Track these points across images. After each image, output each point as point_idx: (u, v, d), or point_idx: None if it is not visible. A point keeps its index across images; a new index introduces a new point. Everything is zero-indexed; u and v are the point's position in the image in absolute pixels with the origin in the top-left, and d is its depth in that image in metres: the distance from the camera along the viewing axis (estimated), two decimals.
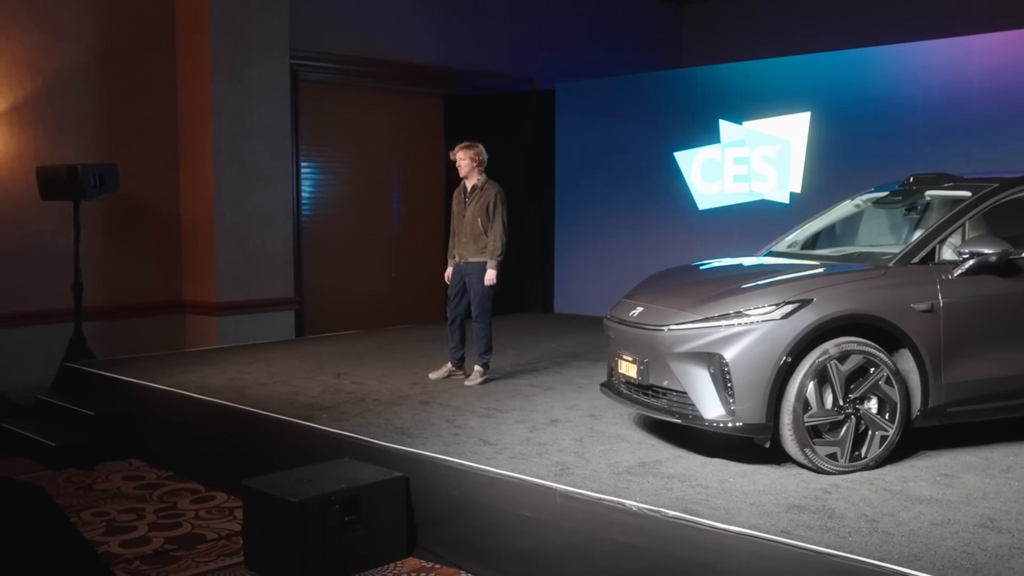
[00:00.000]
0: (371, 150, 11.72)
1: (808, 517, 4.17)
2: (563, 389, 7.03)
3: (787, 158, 9.52)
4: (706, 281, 5.49)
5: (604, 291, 11.05)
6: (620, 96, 11.02)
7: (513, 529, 4.86)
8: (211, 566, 5.27)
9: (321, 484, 5.11)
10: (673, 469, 4.92)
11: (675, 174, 10.43)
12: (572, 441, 5.53)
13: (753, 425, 4.75)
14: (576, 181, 11.37)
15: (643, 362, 5.16)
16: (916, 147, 8.59)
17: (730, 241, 9.76)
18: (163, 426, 7.21)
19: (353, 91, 11.47)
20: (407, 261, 12.04)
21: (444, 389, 7.07)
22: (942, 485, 4.58)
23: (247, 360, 8.41)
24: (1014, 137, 8.12)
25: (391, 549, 5.27)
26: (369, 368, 7.96)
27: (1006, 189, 5.27)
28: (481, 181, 7.17)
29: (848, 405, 4.78)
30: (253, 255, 10.06)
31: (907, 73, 8.75)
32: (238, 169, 9.93)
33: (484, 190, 7.14)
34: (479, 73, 12.37)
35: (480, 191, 7.13)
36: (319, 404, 6.61)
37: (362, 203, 11.68)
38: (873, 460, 4.81)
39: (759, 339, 4.73)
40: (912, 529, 4.00)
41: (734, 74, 10.02)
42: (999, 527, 4.00)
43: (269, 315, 10.22)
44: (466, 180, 7.19)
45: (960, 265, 4.98)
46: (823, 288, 4.84)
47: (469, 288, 7.21)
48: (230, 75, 9.80)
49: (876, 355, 4.80)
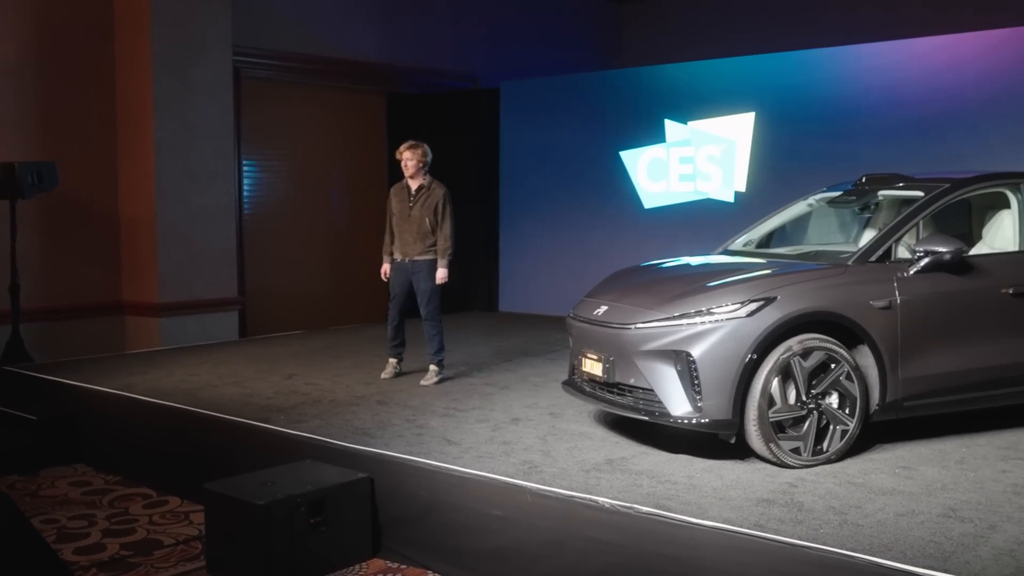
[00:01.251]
0: (314, 148, 11.60)
1: (778, 511, 4.25)
2: (519, 388, 7.05)
3: (732, 158, 9.68)
4: (670, 279, 5.55)
5: (550, 290, 11.15)
6: (565, 95, 11.09)
7: (483, 528, 4.86)
8: (171, 572, 5.18)
9: (286, 486, 5.05)
10: (640, 466, 4.98)
11: (621, 173, 10.53)
12: (536, 439, 5.55)
13: (720, 421, 4.83)
14: (521, 180, 11.41)
15: (609, 360, 5.21)
16: (858, 147, 8.80)
17: (676, 239, 9.89)
18: (111, 430, 7.05)
19: (296, 88, 11.34)
20: (349, 260, 11.93)
21: (400, 389, 7.04)
22: (902, 477, 4.71)
23: (194, 362, 8.27)
24: (952, 138, 8.37)
25: (356, 550, 5.24)
26: (321, 369, 7.88)
27: (957, 189, 5.44)
28: (427, 181, 7.17)
29: (810, 400, 4.89)
30: (196, 254, 9.88)
31: (849, 75, 8.96)
32: (181, 167, 9.74)
33: (431, 190, 7.14)
34: (422, 71, 12.33)
35: (427, 191, 7.14)
36: (275, 406, 6.53)
37: (304, 202, 11.55)
38: (834, 454, 4.93)
39: (725, 337, 4.80)
40: (879, 520, 4.10)
41: (679, 74, 10.15)
42: (961, 517, 4.13)
43: (212, 316, 10.05)
44: (411, 180, 7.17)
45: (915, 263, 5.12)
46: (787, 286, 4.94)
47: (416, 286, 7.21)
48: (172, 72, 9.61)
49: (837, 351, 4.91)
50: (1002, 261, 5.39)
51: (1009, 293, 5.26)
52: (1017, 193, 5.54)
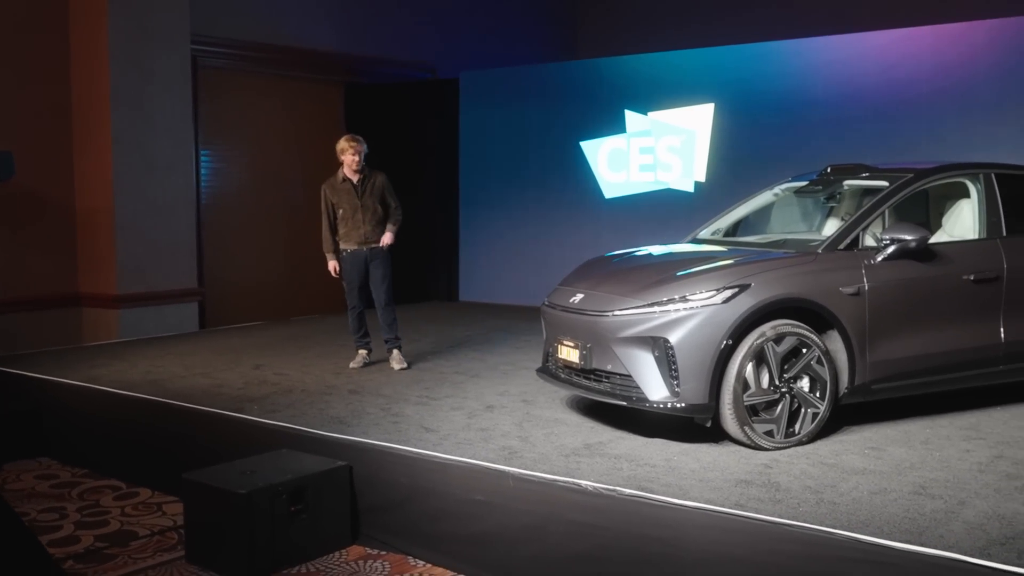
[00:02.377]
0: (272, 138, 11.53)
1: (756, 491, 4.38)
2: (489, 376, 7.11)
3: (691, 148, 9.82)
4: (645, 268, 5.65)
5: (511, 279, 11.23)
6: (525, 85, 11.15)
7: (464, 513, 4.93)
8: (150, 562, 5.17)
9: (266, 475, 5.07)
10: (618, 450, 5.07)
11: (581, 163, 10.63)
12: (512, 426, 5.62)
13: (696, 405, 4.94)
14: (481, 170, 11.45)
15: (585, 347, 5.29)
16: (816, 139, 8.99)
17: (636, 229, 10.03)
18: (77, 423, 6.98)
19: (253, 78, 11.26)
20: (307, 251, 11.86)
21: (371, 378, 7.07)
22: (872, 457, 4.86)
23: (157, 353, 8.21)
24: (907, 130, 8.60)
25: (336, 538, 5.27)
26: (288, 359, 7.88)
27: (921, 179, 5.61)
28: (367, 170, 7.29)
29: (783, 384, 5.02)
30: (155, 246, 9.78)
31: (807, 67, 9.15)
32: (138, 158, 9.63)
33: (373, 178, 7.31)
34: (380, 61, 12.30)
35: (371, 179, 7.29)
36: (246, 396, 6.52)
37: (262, 192, 11.47)
38: (806, 436, 5.07)
39: (702, 323, 4.92)
40: (854, 498, 4.24)
41: (639, 65, 10.27)
42: (931, 494, 4.28)
43: (172, 307, 9.96)
44: (353, 173, 7.22)
45: (882, 251, 5.27)
46: (760, 274, 5.06)
47: (374, 272, 7.28)
48: (129, 61, 9.49)
49: (808, 336, 5.05)
50: (963, 249, 5.57)
51: (970, 279, 5.45)
52: (977, 183, 5.73)
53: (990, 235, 5.65)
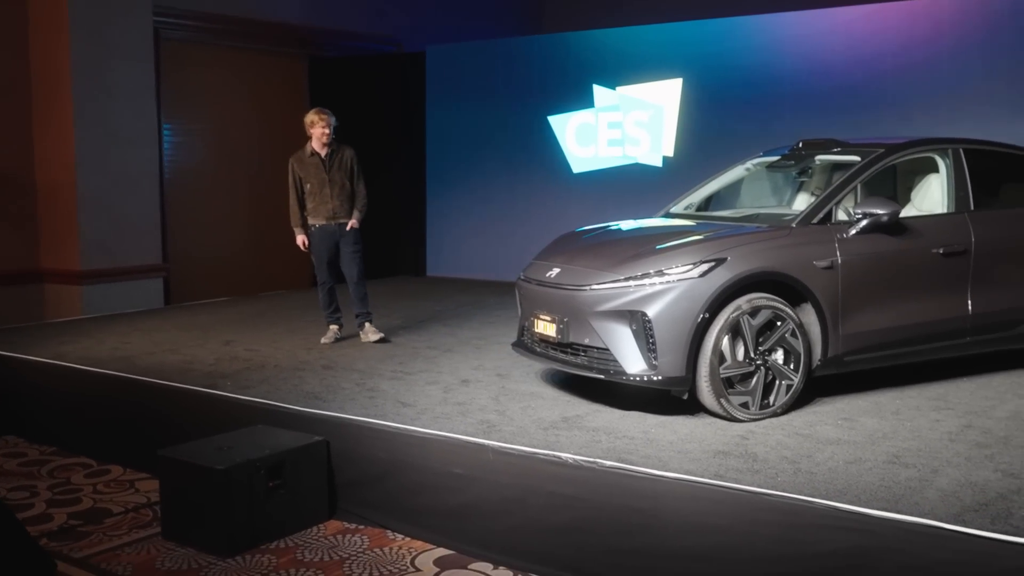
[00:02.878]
0: (235, 112, 11.39)
1: (734, 461, 4.44)
2: (462, 350, 7.12)
3: (660, 123, 9.86)
4: (621, 242, 5.68)
5: (478, 254, 11.23)
6: (493, 60, 11.10)
7: (443, 487, 4.95)
8: (126, 539, 5.14)
9: (244, 451, 5.05)
10: (595, 423, 5.11)
11: (549, 138, 10.62)
12: (489, 400, 5.64)
13: (673, 378, 4.99)
14: (448, 144, 11.41)
15: (563, 321, 5.32)
16: (783, 114, 9.06)
17: (605, 203, 10.07)
18: (44, 401, 6.89)
19: (216, 51, 11.10)
20: (271, 226, 11.77)
21: (344, 353, 7.05)
22: (845, 428, 4.95)
23: (124, 329, 8.11)
24: (873, 106, 8.69)
25: (313, 513, 5.27)
26: (258, 335, 7.83)
27: (892, 154, 5.68)
28: (336, 145, 7.24)
29: (758, 357, 5.09)
30: (119, 220, 9.65)
31: (775, 43, 9.20)
32: (101, 131, 9.47)
33: (341, 152, 7.27)
34: (343, 34, 12.18)
35: (338, 154, 7.24)
36: (219, 372, 6.48)
37: (225, 166, 11.35)
38: (780, 407, 5.15)
39: (679, 296, 4.96)
40: (831, 468, 4.32)
41: (608, 40, 10.26)
42: (905, 463, 4.37)
43: (137, 283, 9.84)
44: (321, 147, 7.17)
45: (855, 224, 5.34)
46: (736, 247, 5.11)
47: (344, 248, 7.25)
48: (90, 31, 9.31)
49: (783, 309, 5.12)
50: (932, 223, 5.66)
51: (939, 253, 5.54)
52: (946, 158, 5.82)
53: (958, 209, 5.74)
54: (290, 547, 4.99)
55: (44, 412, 6.89)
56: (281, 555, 4.89)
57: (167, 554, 4.93)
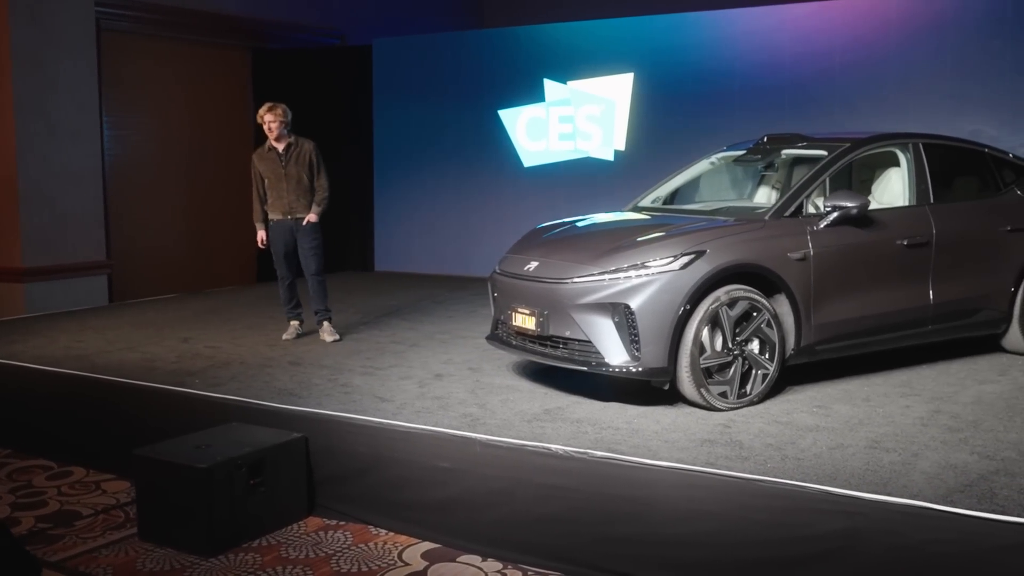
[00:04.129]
0: (177, 105, 11.15)
1: (722, 449, 4.53)
2: (428, 345, 7.11)
3: (611, 117, 9.94)
4: (598, 235, 5.73)
5: (428, 249, 11.20)
6: (442, 54, 11.07)
7: (428, 481, 4.94)
8: (101, 541, 5.03)
9: (223, 449, 4.98)
10: (577, 414, 5.16)
11: (500, 132, 10.63)
12: (467, 394, 5.65)
13: (656, 369, 5.06)
14: (396, 138, 11.34)
15: (542, 314, 5.35)
16: (733, 109, 9.22)
17: (556, 197, 10.13)
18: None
19: (157, 42, 10.85)
20: (215, 221, 11.60)
21: (308, 349, 6.98)
22: (820, 415, 5.08)
23: (74, 328, 7.92)
24: (822, 101, 8.90)
25: (293, 510, 5.22)
26: (215, 331, 7.71)
27: (857, 148, 5.84)
28: (293, 139, 7.18)
29: (735, 347, 5.19)
30: (61, 216, 9.40)
31: (726, 38, 9.35)
32: (42, 124, 9.21)
33: (300, 146, 7.18)
34: (287, 26, 12.01)
35: (296, 148, 7.16)
36: (184, 370, 6.37)
37: (167, 160, 11.10)
38: (757, 396, 5.26)
39: (661, 288, 5.03)
40: (816, 454, 4.43)
41: (558, 34, 10.31)
42: (885, 447, 4.51)
43: (80, 280, 9.60)
44: (277, 142, 7.11)
45: (825, 217, 5.48)
46: (714, 240, 5.20)
47: (302, 243, 7.19)
48: (29, 20, 9.04)
49: (759, 300, 5.23)
50: (896, 215, 5.83)
51: (904, 244, 5.72)
52: (907, 152, 5.99)
53: (919, 202, 5.93)
54: (273, 545, 4.94)
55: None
56: (265, 553, 4.84)
57: (146, 555, 4.84)
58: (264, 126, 7.08)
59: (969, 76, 8.39)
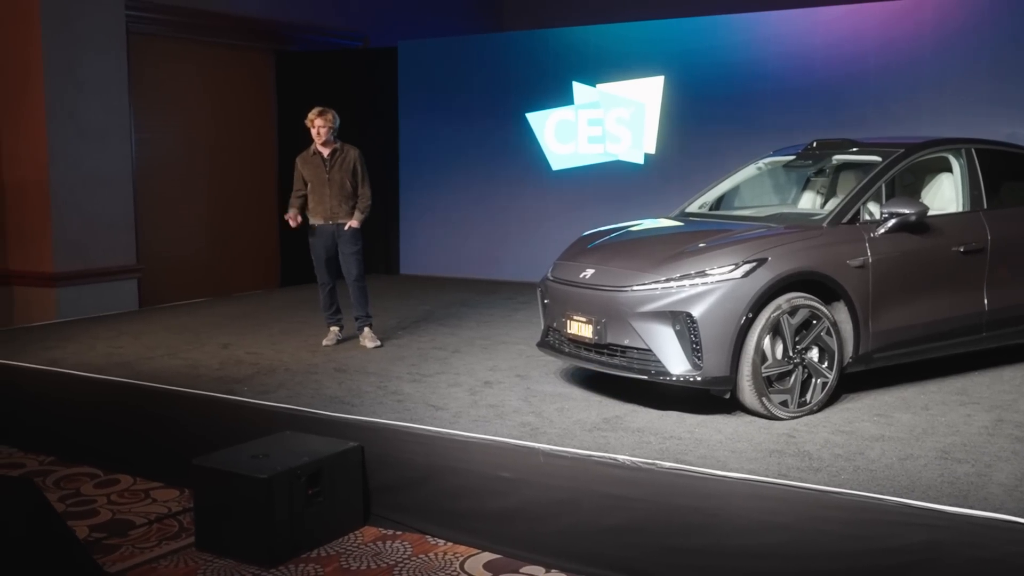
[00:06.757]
0: (202, 107, 11.12)
1: (791, 460, 4.49)
2: (470, 351, 7.08)
3: (641, 120, 9.91)
4: (654, 242, 5.70)
5: (454, 253, 11.17)
6: (468, 56, 11.03)
7: (487, 490, 4.91)
8: (157, 551, 4.99)
9: (281, 459, 4.95)
10: (636, 423, 5.13)
11: (527, 135, 10.60)
12: (520, 402, 5.62)
13: (717, 378, 5.03)
14: (422, 142, 11.31)
15: (600, 322, 5.31)
16: (764, 112, 9.19)
17: (585, 200, 10.11)
18: (41, 408, 6.65)
19: (183, 45, 10.83)
20: (241, 224, 11.58)
21: (350, 355, 6.95)
22: (883, 424, 5.04)
23: (110, 333, 7.88)
24: (854, 104, 8.86)
25: (349, 520, 5.20)
26: (253, 337, 7.67)
27: (912, 154, 5.81)
28: (339, 144, 7.17)
29: (796, 355, 5.16)
30: (92, 220, 9.37)
31: (756, 41, 9.31)
32: (73, 128, 9.18)
33: (345, 152, 7.16)
34: (310, 28, 11.98)
35: (341, 154, 7.14)
36: (230, 377, 6.33)
37: (192, 163, 11.08)
38: (816, 405, 5.23)
39: (723, 297, 5.00)
40: (887, 464, 4.40)
41: (588, 37, 10.27)
42: (956, 458, 4.47)
43: (111, 284, 9.57)
44: (323, 146, 7.09)
45: (883, 224, 5.45)
46: (775, 248, 5.17)
47: (343, 248, 7.16)
48: (61, 25, 9.01)
49: (819, 308, 5.20)
50: (951, 221, 5.80)
51: (959, 251, 5.69)
52: (960, 158, 5.96)
53: (973, 208, 5.90)
54: (332, 555, 4.91)
55: (40, 420, 6.65)
56: (325, 564, 4.81)
57: (207, 565, 4.81)
58: (313, 130, 7.05)
59: (1006, 78, 8.35)
